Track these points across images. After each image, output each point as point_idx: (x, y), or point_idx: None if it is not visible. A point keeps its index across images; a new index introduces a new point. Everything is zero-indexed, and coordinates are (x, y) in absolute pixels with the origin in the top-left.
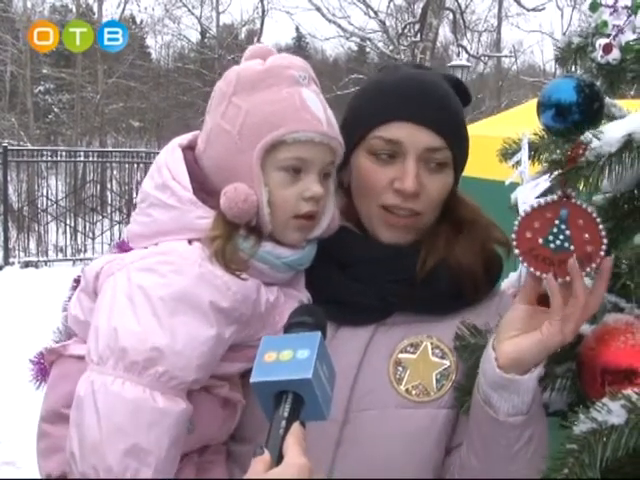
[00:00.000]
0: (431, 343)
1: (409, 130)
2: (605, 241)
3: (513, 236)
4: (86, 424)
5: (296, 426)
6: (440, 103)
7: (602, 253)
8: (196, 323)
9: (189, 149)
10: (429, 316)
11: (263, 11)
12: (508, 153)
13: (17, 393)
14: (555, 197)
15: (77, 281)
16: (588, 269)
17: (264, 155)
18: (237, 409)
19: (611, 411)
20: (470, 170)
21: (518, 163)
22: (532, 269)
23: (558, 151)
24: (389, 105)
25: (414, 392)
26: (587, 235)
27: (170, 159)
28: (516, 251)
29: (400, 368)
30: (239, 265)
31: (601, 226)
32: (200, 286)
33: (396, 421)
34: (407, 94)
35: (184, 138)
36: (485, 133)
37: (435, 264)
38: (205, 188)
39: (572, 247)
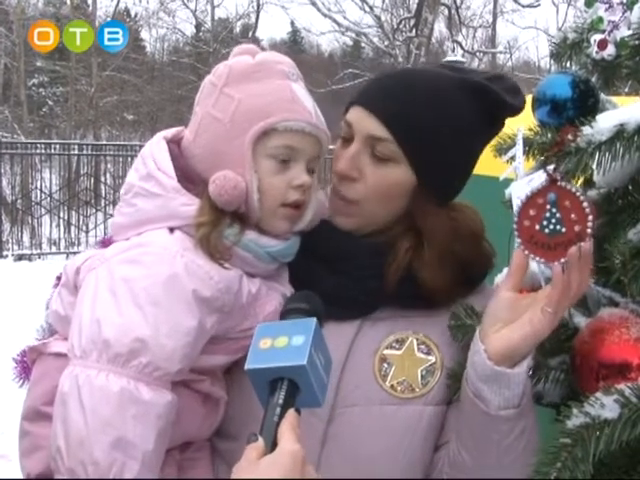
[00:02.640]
0: (417, 339)
1: (359, 114)
2: (590, 217)
3: (514, 226)
4: (72, 419)
5: (291, 413)
6: (398, 95)
7: (589, 230)
8: (179, 313)
9: (173, 143)
10: (415, 311)
11: (258, 5)
12: (503, 148)
13: (11, 387)
14: (544, 182)
15: (59, 279)
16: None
17: (255, 142)
18: (220, 405)
19: (604, 405)
20: None
21: (512, 158)
22: (538, 258)
23: (549, 134)
24: (358, 91)
25: (399, 388)
26: (574, 215)
27: (155, 150)
28: (518, 240)
29: (385, 364)
30: (223, 253)
31: (585, 203)
32: (183, 276)
33: (381, 418)
34: (374, 84)
35: (169, 132)
36: None
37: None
38: (189, 178)
39: (564, 229)
